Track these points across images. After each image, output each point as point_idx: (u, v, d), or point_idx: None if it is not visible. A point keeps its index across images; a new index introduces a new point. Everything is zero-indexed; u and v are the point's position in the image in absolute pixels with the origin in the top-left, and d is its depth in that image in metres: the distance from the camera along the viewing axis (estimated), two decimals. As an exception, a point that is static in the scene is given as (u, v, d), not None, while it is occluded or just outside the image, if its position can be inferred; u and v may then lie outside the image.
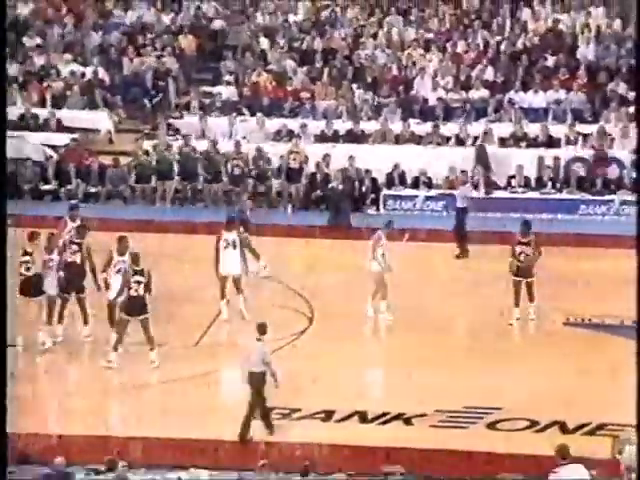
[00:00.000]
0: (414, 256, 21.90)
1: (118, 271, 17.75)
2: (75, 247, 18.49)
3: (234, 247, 19.32)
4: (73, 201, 23.17)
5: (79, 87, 28.20)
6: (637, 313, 13.73)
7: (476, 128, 26.59)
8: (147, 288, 17.30)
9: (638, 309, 13.50)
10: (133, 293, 17.30)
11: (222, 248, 19.30)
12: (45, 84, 28.40)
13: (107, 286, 17.93)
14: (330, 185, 25.44)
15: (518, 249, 19.08)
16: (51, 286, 18.10)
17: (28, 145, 26.76)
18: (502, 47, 28.76)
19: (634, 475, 12.96)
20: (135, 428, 15.58)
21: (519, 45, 28.78)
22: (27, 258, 18.04)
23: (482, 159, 25.56)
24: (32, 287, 17.95)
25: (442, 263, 22.54)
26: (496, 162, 25.93)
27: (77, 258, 18.41)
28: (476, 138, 26.38)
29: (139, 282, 17.30)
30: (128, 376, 17.23)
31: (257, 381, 15.42)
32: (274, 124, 27.01)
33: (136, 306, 17.32)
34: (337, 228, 24.27)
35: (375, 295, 19.21)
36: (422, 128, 26.82)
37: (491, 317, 19.24)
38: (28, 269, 17.97)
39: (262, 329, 15.77)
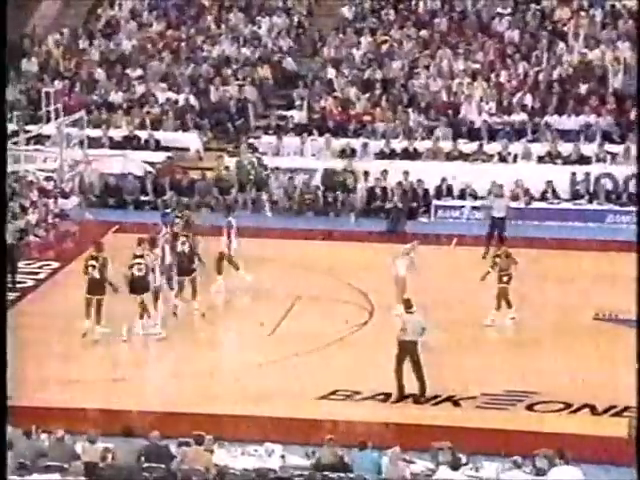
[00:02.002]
0: (461, 257, 21.71)
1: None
2: (183, 238, 18.84)
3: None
4: (167, 210, 23.21)
5: (173, 112, 28.31)
6: (637, 310, 13.36)
7: (516, 147, 26.31)
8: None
9: (638, 307, 13.15)
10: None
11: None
12: (145, 109, 28.53)
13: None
14: (389, 197, 25.31)
15: None
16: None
17: (131, 162, 26.84)
18: (540, 77, 28.33)
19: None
20: (219, 407, 15.53)
21: (555, 75, 28.32)
22: (139, 260, 17.80)
23: None
24: (142, 285, 17.82)
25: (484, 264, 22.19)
26: (534, 177, 25.60)
27: (186, 248, 18.76)
28: (516, 156, 26.14)
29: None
30: (207, 361, 17.20)
31: (410, 348, 15.57)
32: (339, 143, 26.89)
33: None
34: (394, 234, 24.08)
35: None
36: (469, 147, 26.51)
37: (528, 312, 18.92)
38: (140, 270, 17.76)
39: (408, 303, 15.87)
